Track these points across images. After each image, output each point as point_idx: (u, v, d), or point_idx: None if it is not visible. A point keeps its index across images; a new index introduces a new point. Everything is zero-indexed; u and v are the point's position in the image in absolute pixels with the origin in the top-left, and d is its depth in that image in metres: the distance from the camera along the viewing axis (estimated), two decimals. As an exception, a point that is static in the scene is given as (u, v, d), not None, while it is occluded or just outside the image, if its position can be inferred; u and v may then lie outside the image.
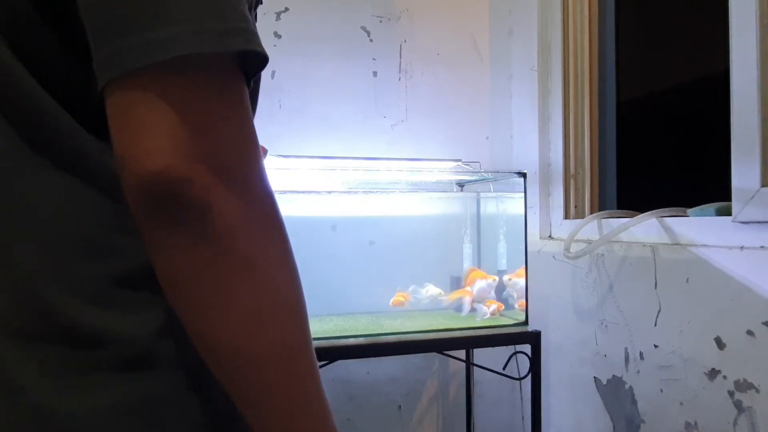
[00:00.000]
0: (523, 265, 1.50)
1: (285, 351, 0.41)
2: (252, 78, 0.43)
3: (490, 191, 1.74)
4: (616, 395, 1.36)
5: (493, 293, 1.51)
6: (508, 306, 1.54)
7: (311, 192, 1.58)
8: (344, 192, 1.62)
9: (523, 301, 1.46)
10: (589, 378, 1.45)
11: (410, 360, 1.73)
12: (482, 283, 1.51)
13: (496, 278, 1.53)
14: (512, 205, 1.60)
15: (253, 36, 0.40)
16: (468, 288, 1.52)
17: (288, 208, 1.54)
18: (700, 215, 1.16)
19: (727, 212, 1.09)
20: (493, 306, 1.49)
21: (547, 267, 1.60)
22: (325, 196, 1.61)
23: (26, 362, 0.41)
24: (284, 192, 1.53)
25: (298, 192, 1.56)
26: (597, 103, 1.62)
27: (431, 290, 1.54)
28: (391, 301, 1.52)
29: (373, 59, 1.70)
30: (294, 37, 1.62)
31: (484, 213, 1.75)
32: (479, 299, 1.50)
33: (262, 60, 0.42)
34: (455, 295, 1.54)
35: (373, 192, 1.65)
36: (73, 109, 0.43)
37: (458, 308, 1.54)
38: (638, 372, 1.29)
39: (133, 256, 0.44)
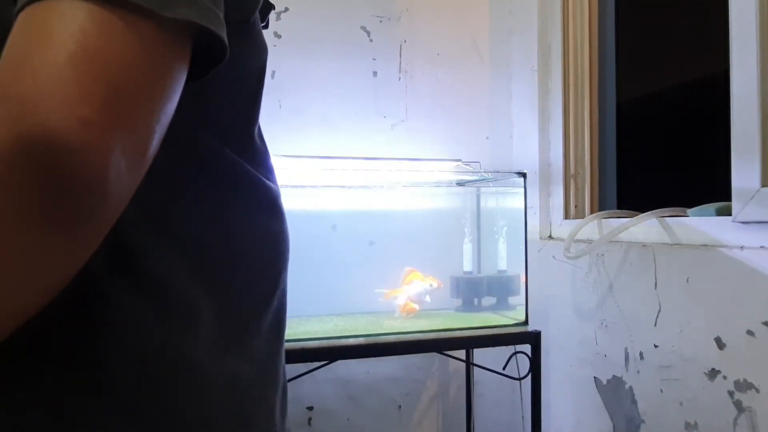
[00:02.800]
0: (523, 265, 1.50)
1: None
2: (214, 64, 0.39)
3: (491, 195, 1.75)
4: (616, 395, 1.36)
5: (428, 297, 1.51)
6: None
7: (310, 187, 1.58)
8: (343, 187, 1.62)
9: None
10: (589, 378, 1.45)
11: (410, 360, 1.73)
12: (419, 285, 1.50)
13: (433, 283, 1.51)
14: (512, 200, 1.60)
15: (208, 12, 0.36)
16: (405, 287, 1.52)
17: (288, 207, 1.54)
18: (700, 215, 1.16)
19: (727, 212, 1.09)
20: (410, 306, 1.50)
21: (547, 267, 1.60)
22: (325, 196, 1.61)
23: None
24: (284, 187, 1.53)
25: (297, 186, 1.56)
26: (597, 103, 1.62)
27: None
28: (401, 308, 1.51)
29: (373, 59, 1.70)
30: (294, 37, 1.62)
31: (485, 212, 1.75)
32: (416, 301, 1.50)
33: (218, 43, 0.37)
34: (391, 293, 1.53)
35: (372, 187, 1.65)
36: None
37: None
38: (638, 372, 1.29)
39: None
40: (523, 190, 1.50)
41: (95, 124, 0.31)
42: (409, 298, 1.50)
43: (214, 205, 0.48)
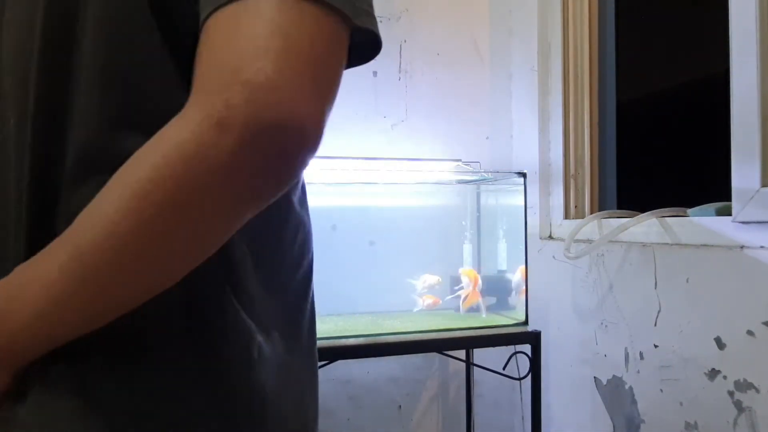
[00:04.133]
0: (523, 264, 1.50)
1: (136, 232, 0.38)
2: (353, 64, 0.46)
3: (491, 192, 1.74)
4: (616, 395, 1.36)
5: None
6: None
7: (310, 185, 1.58)
8: (344, 184, 1.62)
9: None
10: (589, 378, 1.45)
11: (410, 360, 1.73)
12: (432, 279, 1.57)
13: (440, 279, 1.59)
14: (512, 200, 1.60)
15: (376, 21, 0.44)
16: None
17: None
18: (700, 215, 1.16)
19: (727, 212, 1.09)
20: (429, 300, 1.56)
21: (547, 267, 1.60)
22: (325, 196, 1.61)
23: None
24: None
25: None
26: (597, 103, 1.61)
27: (429, 279, 1.58)
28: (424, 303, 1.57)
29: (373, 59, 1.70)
30: (294, 37, 1.62)
31: (485, 211, 1.75)
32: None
33: (373, 47, 0.45)
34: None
35: (372, 186, 1.65)
36: None
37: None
38: (638, 372, 1.29)
39: None
40: (523, 189, 1.50)
41: (318, 112, 0.39)
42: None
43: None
